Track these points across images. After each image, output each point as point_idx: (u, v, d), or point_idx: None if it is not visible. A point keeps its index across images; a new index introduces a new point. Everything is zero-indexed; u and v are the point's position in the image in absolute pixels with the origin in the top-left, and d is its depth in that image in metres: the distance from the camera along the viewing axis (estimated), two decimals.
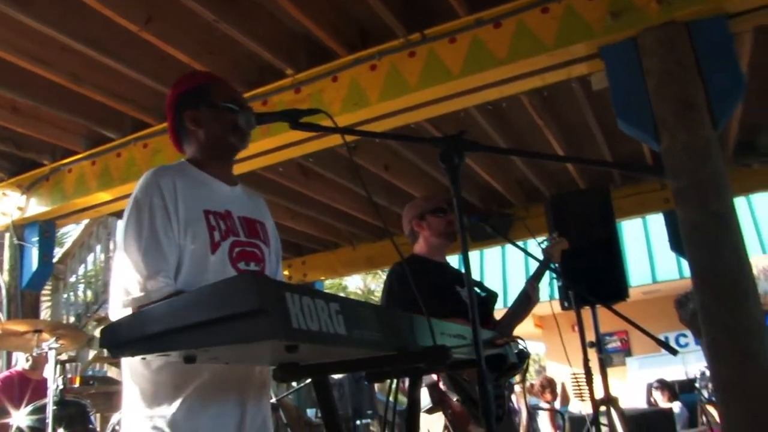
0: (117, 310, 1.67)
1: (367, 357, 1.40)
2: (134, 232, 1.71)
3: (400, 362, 1.34)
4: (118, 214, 5.60)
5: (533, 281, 3.21)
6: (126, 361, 1.76)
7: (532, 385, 7.43)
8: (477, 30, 3.43)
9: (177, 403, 1.65)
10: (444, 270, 3.15)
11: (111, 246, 8.07)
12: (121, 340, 1.21)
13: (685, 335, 11.17)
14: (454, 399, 2.71)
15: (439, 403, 2.72)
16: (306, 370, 1.43)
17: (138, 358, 1.64)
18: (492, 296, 3.13)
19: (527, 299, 3.17)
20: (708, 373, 7.20)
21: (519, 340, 1.95)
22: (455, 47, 3.48)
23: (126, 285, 1.66)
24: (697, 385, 7.35)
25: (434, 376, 2.67)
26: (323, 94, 3.76)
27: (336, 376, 5.91)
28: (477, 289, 3.09)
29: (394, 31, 3.59)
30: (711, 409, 6.95)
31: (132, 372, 1.72)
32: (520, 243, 4.27)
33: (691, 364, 9.12)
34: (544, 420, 7.97)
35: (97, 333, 6.80)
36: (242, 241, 1.88)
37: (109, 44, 3.61)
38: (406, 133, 4.10)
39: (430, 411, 2.69)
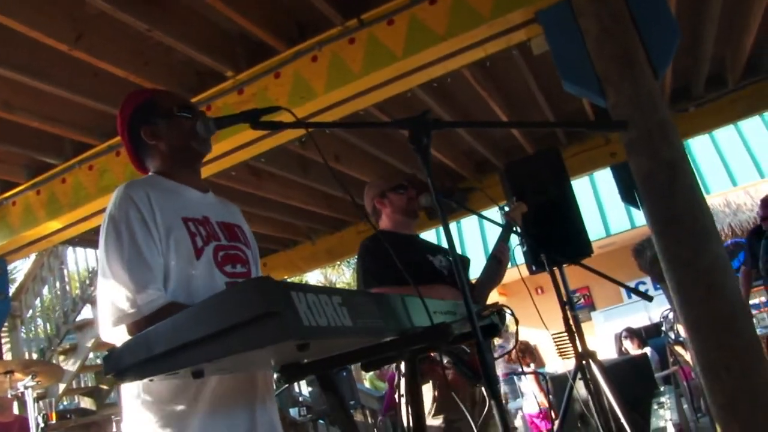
0: (108, 329, 1.63)
1: (370, 345, 1.42)
2: (115, 250, 1.66)
3: (402, 346, 1.35)
4: (70, 242, 5.45)
5: (501, 244, 3.26)
6: (126, 387, 1.72)
7: (509, 353, 7.56)
8: (414, 9, 3.44)
9: (186, 420, 1.63)
10: (413, 241, 3.18)
11: (65, 274, 7.85)
12: (127, 364, 1.19)
13: (644, 282, 11.52)
14: (445, 361, 2.73)
15: (427, 372, 2.75)
16: (309, 368, 1.44)
17: (139, 381, 1.62)
18: (464, 261, 3.17)
19: (497, 263, 3.22)
20: (671, 315, 7.46)
21: (504, 308, 1.99)
22: (394, 29, 3.48)
23: (115, 302, 1.62)
24: (662, 328, 7.61)
25: None
26: (267, 92, 3.72)
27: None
28: (448, 257, 3.13)
29: (331, 20, 3.57)
30: (679, 349, 7.22)
31: (133, 396, 1.68)
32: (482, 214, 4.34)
33: (653, 309, 9.43)
34: (528, 384, 8.14)
35: (65, 365, 6.63)
36: (224, 245, 1.86)
37: (39, 67, 3.49)
38: (354, 120, 4.10)
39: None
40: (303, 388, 7.72)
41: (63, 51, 3.34)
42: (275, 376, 1.69)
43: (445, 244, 1.69)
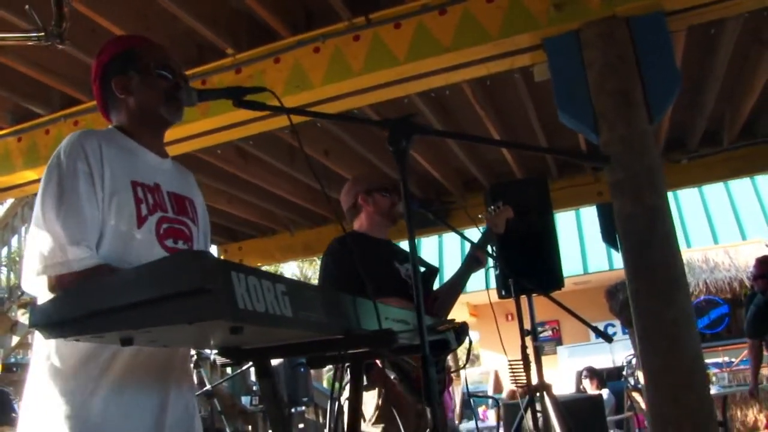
0: (32, 278, 1.55)
1: (312, 340, 1.38)
2: (54, 197, 1.58)
3: (345, 345, 1.32)
4: None
5: (480, 245, 3.22)
6: (38, 346, 1.64)
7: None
8: (422, 16, 3.42)
9: (91, 389, 1.56)
10: (383, 246, 3.12)
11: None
12: (53, 320, 1.14)
13: (613, 325, 11.56)
14: (392, 377, 2.70)
15: (376, 380, 2.72)
16: (248, 353, 1.40)
17: (54, 340, 1.54)
18: (432, 272, 3.14)
19: (475, 262, 3.18)
20: (634, 361, 7.48)
21: (460, 324, 1.96)
22: (400, 33, 3.46)
23: (43, 251, 1.53)
24: (624, 372, 7.63)
25: None
26: (265, 75, 3.68)
27: (272, 362, 5.87)
28: (421, 267, 3.09)
29: (339, 14, 3.54)
30: (636, 395, 7.23)
31: (42, 358, 1.61)
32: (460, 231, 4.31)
33: (618, 352, 9.47)
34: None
35: (21, 318, 6.53)
36: (170, 218, 1.77)
37: (36, 13, 3.43)
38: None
39: (365, 388, 2.67)
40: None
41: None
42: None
43: (421, 252, 1.66)
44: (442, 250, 12.73)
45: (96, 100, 1.93)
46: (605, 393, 7.76)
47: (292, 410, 6.56)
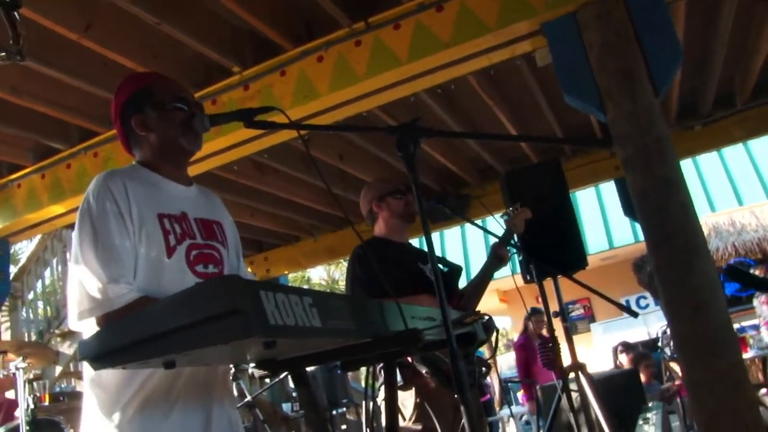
0: (77, 319, 1.65)
1: (342, 346, 1.45)
2: (89, 240, 1.67)
3: (374, 349, 1.38)
4: (73, 226, 5.50)
5: (501, 244, 3.27)
6: (87, 372, 1.73)
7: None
8: (420, 15, 3.47)
9: (138, 410, 1.64)
10: (405, 249, 3.19)
11: (67, 258, 7.91)
12: (100, 352, 1.22)
13: (645, 297, 11.50)
14: (424, 371, 2.76)
15: (411, 379, 2.78)
16: (284, 364, 1.47)
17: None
18: (455, 270, 3.19)
19: (498, 260, 3.24)
20: (669, 331, 7.46)
21: (485, 317, 2.01)
22: (400, 33, 3.51)
23: (86, 293, 1.63)
24: (659, 344, 7.60)
25: None
26: (272, 89, 3.76)
27: (309, 368, 5.96)
28: (440, 265, 3.15)
29: (339, 21, 3.61)
30: (674, 365, 7.20)
31: (92, 382, 1.70)
32: (479, 221, 4.35)
33: (652, 324, 9.42)
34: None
35: (62, 348, 6.70)
36: (199, 244, 1.85)
37: (48, 54, 3.54)
38: (358, 122, 4.14)
39: (402, 388, 2.74)
40: None
41: (73, 39, 3.39)
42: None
43: (442, 253, 1.73)
44: (466, 242, 12.75)
45: (119, 138, 2.01)
46: None
47: (333, 412, 6.64)
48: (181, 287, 1.68)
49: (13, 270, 7.22)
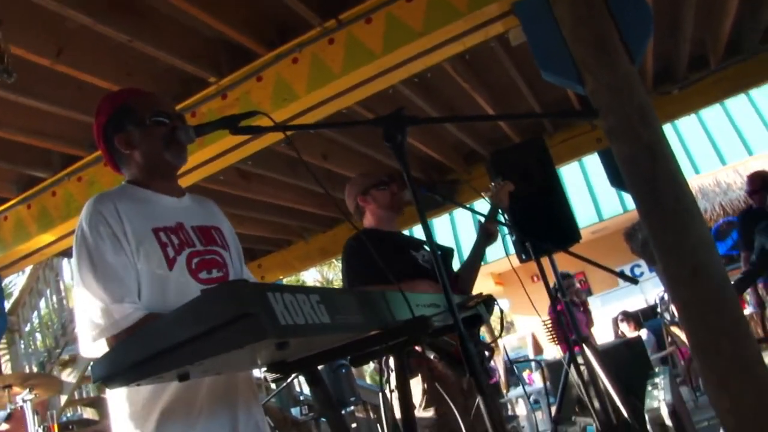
0: (88, 345, 1.65)
1: (351, 341, 1.45)
2: (87, 265, 1.68)
3: (383, 340, 1.39)
4: (64, 254, 5.47)
5: (488, 220, 3.28)
6: (110, 397, 1.75)
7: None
8: (390, 6, 3.47)
9: (163, 423, 1.65)
10: (396, 238, 3.20)
11: (61, 286, 7.87)
12: (112, 371, 1.22)
13: (639, 265, 11.59)
14: (432, 356, 2.77)
15: (417, 366, 2.79)
16: (295, 365, 1.47)
17: (120, 391, 1.65)
18: (448, 253, 3.20)
19: (488, 237, 3.24)
20: (666, 296, 7.53)
21: (488, 298, 2.02)
22: (372, 27, 3.51)
23: (92, 318, 1.63)
24: (658, 310, 7.68)
25: None
26: (250, 95, 3.75)
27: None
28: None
29: (310, 22, 3.60)
30: (675, 329, 7.28)
31: (117, 400, 1.71)
32: (469, 205, 4.37)
33: (649, 291, 9.50)
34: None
35: (64, 377, 6.66)
36: (199, 251, 1.85)
37: (22, 82, 3.50)
38: (338, 119, 4.13)
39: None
40: (304, 387, 7.75)
41: (46, 66, 3.36)
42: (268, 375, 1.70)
43: (435, 233, 1.74)
44: (456, 227, 12.79)
45: (105, 159, 2.01)
46: (644, 333, 7.80)
47: (342, 412, 6.65)
48: (187, 297, 1.69)
49: (6, 304, 7.17)
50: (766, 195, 6.04)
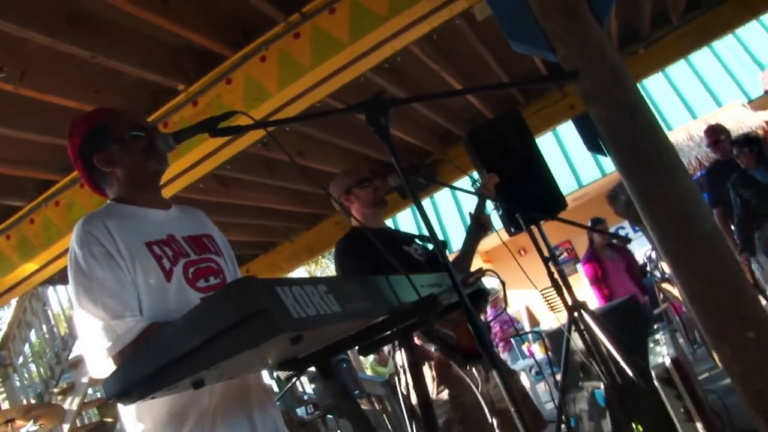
0: (98, 367, 1.64)
1: (360, 330, 1.44)
2: (83, 287, 1.67)
3: (395, 323, 1.38)
4: (50, 281, 5.39)
5: (479, 211, 3.28)
6: (123, 413, 1.73)
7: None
8: None
9: None
10: (386, 235, 3.19)
11: (50, 315, 7.76)
12: (125, 387, 1.20)
13: (623, 227, 11.68)
14: (432, 349, 2.77)
15: (421, 358, 2.79)
16: (307, 360, 1.46)
17: (132, 406, 1.63)
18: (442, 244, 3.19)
19: (480, 227, 3.24)
20: (654, 254, 7.60)
21: (490, 272, 2.02)
22: (337, 17, 3.49)
23: (96, 340, 1.62)
24: (647, 269, 7.74)
25: None
26: (222, 99, 3.71)
27: (311, 370, 5.95)
28: (424, 243, 3.16)
29: (274, 18, 3.57)
30: (666, 286, 7.35)
31: (132, 417, 1.69)
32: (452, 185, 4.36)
33: (636, 251, 9.55)
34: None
35: (66, 406, 6.59)
36: (194, 260, 1.85)
37: None
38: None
39: None
40: (306, 386, 7.74)
41: (9, 91, 3.30)
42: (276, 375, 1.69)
43: (417, 230, 1.73)
44: (439, 212, 12.80)
45: (83, 180, 1.99)
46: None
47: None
48: (186, 306, 1.68)
49: None
50: (726, 145, 6.07)
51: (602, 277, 7.26)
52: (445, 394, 2.74)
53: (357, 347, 1.59)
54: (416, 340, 2.77)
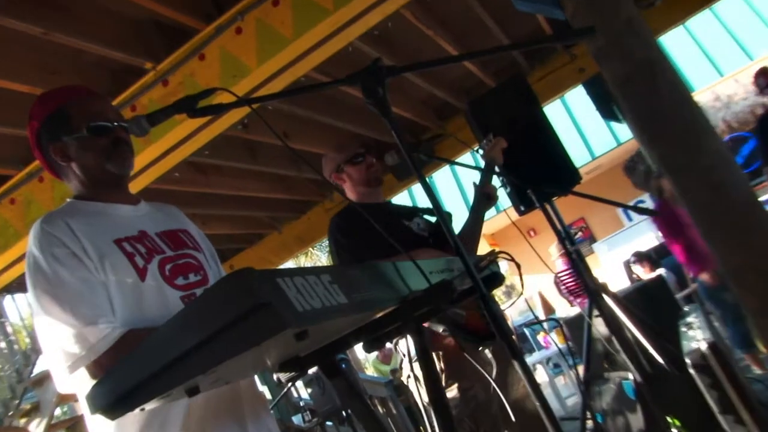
0: (65, 379, 1.62)
1: (367, 323, 1.44)
2: (47, 293, 1.64)
3: (406, 312, 1.38)
4: (7, 290, 5.37)
5: (485, 182, 3.28)
6: (94, 426, 1.71)
7: None
8: None
9: None
10: (385, 209, 3.19)
11: (9, 329, 7.72)
12: (112, 399, 1.19)
13: (642, 201, 11.67)
14: (441, 330, 2.78)
15: (430, 344, 2.79)
16: (310, 358, 1.46)
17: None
18: (447, 216, 3.20)
19: (487, 199, 3.24)
20: None
21: (503, 254, 2.02)
22: None
23: (64, 348, 1.60)
24: None
25: None
26: (195, 77, 3.68)
27: (310, 372, 5.95)
28: (429, 216, 3.17)
29: None
30: None
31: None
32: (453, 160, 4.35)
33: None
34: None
35: (31, 428, 6.58)
36: (170, 257, 1.83)
37: None
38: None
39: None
40: (302, 392, 7.76)
41: None
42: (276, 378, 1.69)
43: (421, 204, 1.73)
44: (438, 193, 12.80)
45: (44, 167, 1.97)
46: (662, 272, 7.84)
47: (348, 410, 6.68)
48: (164, 306, 1.67)
49: None
50: None
51: (680, 227, 7.17)
52: (454, 389, 2.75)
53: (362, 343, 1.59)
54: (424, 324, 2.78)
